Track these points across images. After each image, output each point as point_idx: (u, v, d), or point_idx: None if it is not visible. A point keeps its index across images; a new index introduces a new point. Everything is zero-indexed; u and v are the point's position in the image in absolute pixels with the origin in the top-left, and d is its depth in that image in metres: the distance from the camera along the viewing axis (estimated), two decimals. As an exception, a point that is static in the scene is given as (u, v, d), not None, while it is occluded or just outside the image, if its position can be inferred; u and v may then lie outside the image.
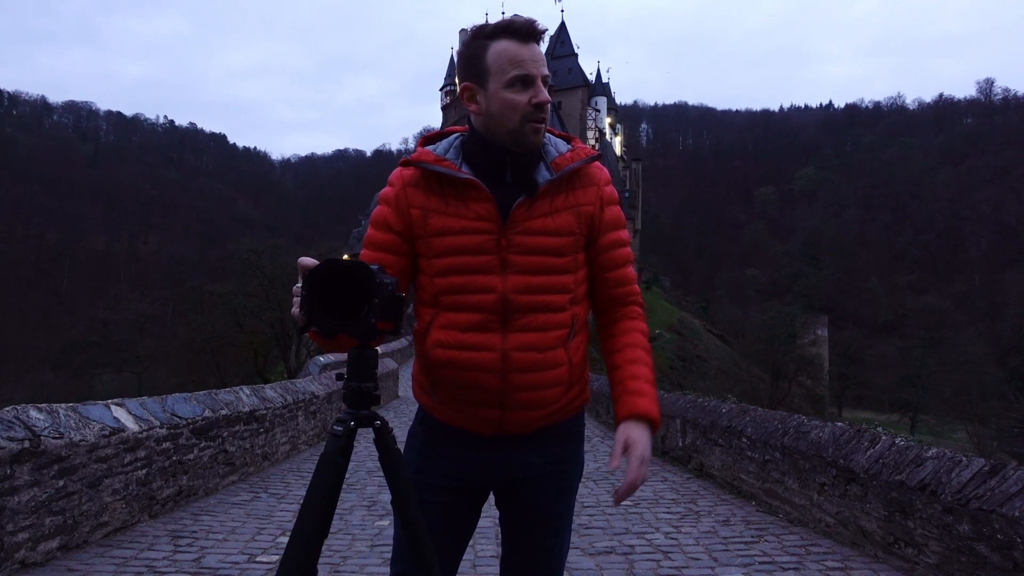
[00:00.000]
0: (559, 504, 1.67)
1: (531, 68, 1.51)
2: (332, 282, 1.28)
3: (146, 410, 4.80)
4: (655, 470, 7.24)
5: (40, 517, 3.57)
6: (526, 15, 1.55)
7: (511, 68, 1.51)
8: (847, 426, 4.93)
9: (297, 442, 7.89)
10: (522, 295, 1.53)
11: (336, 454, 1.35)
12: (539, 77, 1.53)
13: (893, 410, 56.77)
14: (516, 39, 1.52)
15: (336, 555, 3.98)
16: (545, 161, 1.59)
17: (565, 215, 1.58)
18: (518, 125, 1.53)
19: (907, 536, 3.70)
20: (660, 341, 62.66)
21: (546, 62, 1.57)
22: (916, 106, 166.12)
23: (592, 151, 1.64)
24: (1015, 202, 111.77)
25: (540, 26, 1.54)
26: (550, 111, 1.57)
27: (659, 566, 3.89)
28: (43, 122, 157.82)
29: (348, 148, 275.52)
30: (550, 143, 1.63)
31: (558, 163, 1.58)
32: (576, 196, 1.60)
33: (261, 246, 45.91)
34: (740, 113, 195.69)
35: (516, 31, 1.52)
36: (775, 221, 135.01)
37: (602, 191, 1.64)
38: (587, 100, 77.33)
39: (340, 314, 1.28)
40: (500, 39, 1.52)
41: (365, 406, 1.38)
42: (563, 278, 1.58)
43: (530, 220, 1.55)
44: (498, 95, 1.53)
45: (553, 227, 1.56)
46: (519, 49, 1.51)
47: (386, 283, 1.30)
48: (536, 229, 1.55)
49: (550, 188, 1.57)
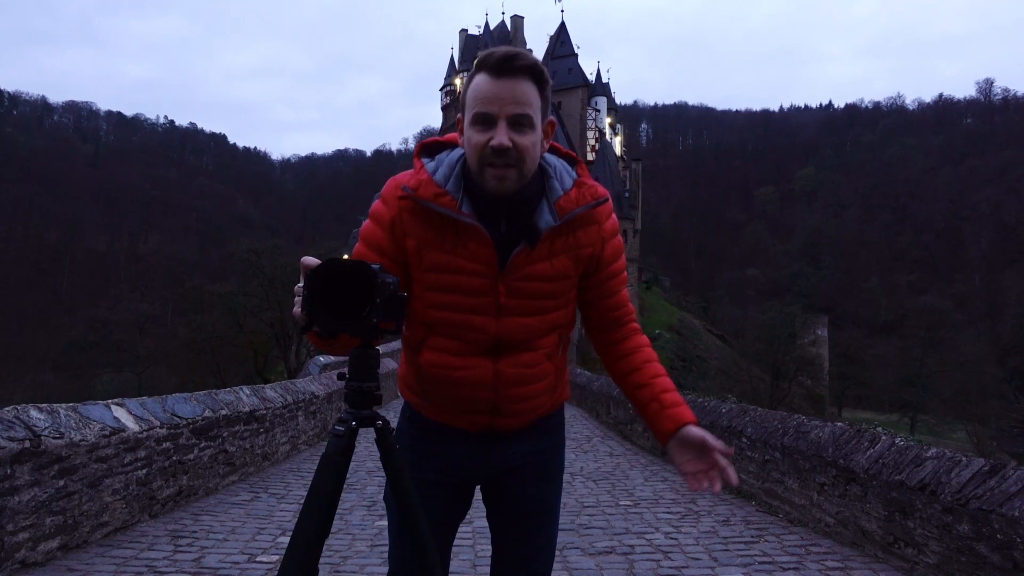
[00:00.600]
0: (544, 491, 1.71)
1: (492, 106, 1.40)
2: (334, 281, 1.27)
3: (146, 410, 4.80)
4: (655, 470, 7.24)
5: (40, 517, 3.57)
6: (526, 15, 1.48)
7: (474, 104, 1.42)
8: (847, 426, 4.93)
9: (297, 442, 7.89)
10: (515, 334, 1.55)
11: (338, 454, 1.35)
12: (503, 117, 1.40)
13: (893, 410, 56.79)
14: (489, 73, 1.41)
15: (336, 555, 3.98)
16: (548, 199, 1.50)
17: (563, 259, 1.53)
18: (477, 168, 1.44)
19: (907, 536, 3.70)
20: (660, 341, 62.68)
21: (531, 101, 1.42)
22: (916, 106, 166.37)
23: (599, 193, 1.56)
24: (1015, 202, 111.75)
25: (522, 60, 1.40)
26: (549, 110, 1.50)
27: (659, 566, 3.89)
28: (43, 122, 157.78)
29: (348, 148, 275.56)
30: (554, 173, 1.53)
31: (562, 206, 1.50)
32: (576, 238, 1.54)
33: (261, 246, 45.91)
34: (740, 113, 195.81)
35: (489, 65, 1.41)
36: (775, 221, 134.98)
37: (603, 228, 1.58)
38: (587, 100, 77.29)
39: (342, 313, 1.27)
40: (479, 72, 1.43)
41: (367, 406, 1.38)
42: (556, 316, 1.59)
43: (528, 266, 1.50)
44: (466, 132, 1.45)
45: (551, 272, 1.53)
46: (488, 85, 1.41)
47: (388, 283, 1.29)
48: (533, 275, 1.51)
49: (549, 234, 1.50)
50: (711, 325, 79.54)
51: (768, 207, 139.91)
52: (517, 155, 1.41)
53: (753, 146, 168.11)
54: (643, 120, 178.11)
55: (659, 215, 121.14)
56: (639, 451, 8.78)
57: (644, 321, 67.79)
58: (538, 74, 1.43)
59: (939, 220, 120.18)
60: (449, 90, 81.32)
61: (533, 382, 1.59)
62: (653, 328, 66.25)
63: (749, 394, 43.20)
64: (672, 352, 60.72)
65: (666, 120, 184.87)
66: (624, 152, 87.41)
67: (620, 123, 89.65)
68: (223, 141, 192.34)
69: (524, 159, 1.42)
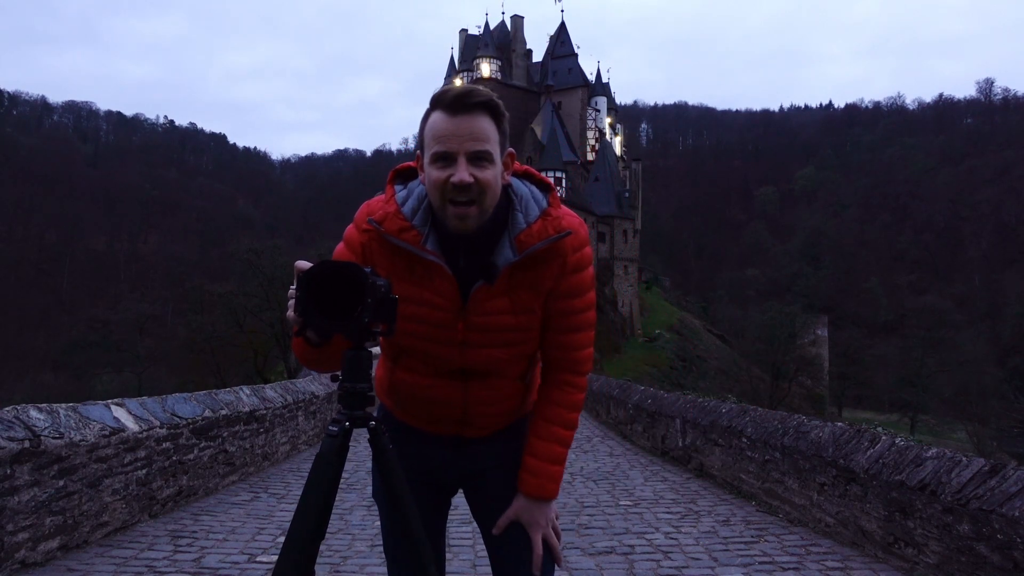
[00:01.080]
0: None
1: (451, 144, 1.40)
2: (326, 283, 1.29)
3: (146, 410, 4.80)
4: (655, 470, 7.24)
5: (40, 517, 3.57)
6: (526, 15, 1.47)
7: (433, 143, 1.43)
8: (847, 426, 4.93)
9: (297, 442, 7.89)
10: (480, 364, 1.57)
11: (332, 454, 1.37)
12: (462, 153, 1.40)
13: (893, 410, 56.77)
14: (446, 111, 1.42)
15: (336, 555, 3.98)
16: (510, 234, 1.49)
17: (524, 293, 1.52)
18: (439, 205, 1.44)
19: (907, 536, 3.70)
20: (660, 341, 62.68)
21: (489, 136, 1.42)
22: (916, 106, 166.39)
23: (562, 226, 1.51)
24: (1015, 202, 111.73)
25: (477, 96, 1.41)
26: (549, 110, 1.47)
27: (659, 566, 3.89)
28: (43, 122, 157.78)
29: (348, 148, 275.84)
30: (519, 204, 1.51)
31: (523, 240, 1.48)
32: (537, 272, 1.52)
33: (261, 246, 45.92)
34: (740, 113, 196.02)
35: (445, 103, 1.42)
36: (775, 221, 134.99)
37: (567, 262, 1.53)
38: (587, 100, 77.24)
39: (334, 314, 1.29)
40: (435, 110, 1.44)
41: (360, 406, 1.39)
42: (524, 347, 1.59)
43: (489, 301, 1.50)
44: (426, 170, 1.46)
45: (512, 307, 1.52)
46: (445, 123, 1.41)
47: (379, 284, 1.31)
48: (495, 310, 1.51)
49: (509, 269, 1.49)
50: (711, 325, 79.55)
51: (768, 207, 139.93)
52: (479, 190, 1.41)
53: (753, 146, 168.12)
54: (643, 120, 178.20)
55: (659, 215, 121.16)
56: (639, 451, 8.79)
57: (644, 321, 67.88)
58: (493, 108, 1.44)
59: (939, 220, 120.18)
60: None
61: (503, 401, 1.65)
62: (653, 328, 66.27)
63: (749, 394, 43.19)
64: (672, 352, 60.75)
65: (666, 120, 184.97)
66: (624, 152, 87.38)
67: (620, 123, 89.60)
68: (223, 141, 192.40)
69: (485, 194, 1.43)
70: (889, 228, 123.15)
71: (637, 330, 66.04)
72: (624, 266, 67.47)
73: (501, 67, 75.62)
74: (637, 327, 66.39)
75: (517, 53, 78.46)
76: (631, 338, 63.64)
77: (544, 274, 1.52)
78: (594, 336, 1.66)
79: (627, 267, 67.89)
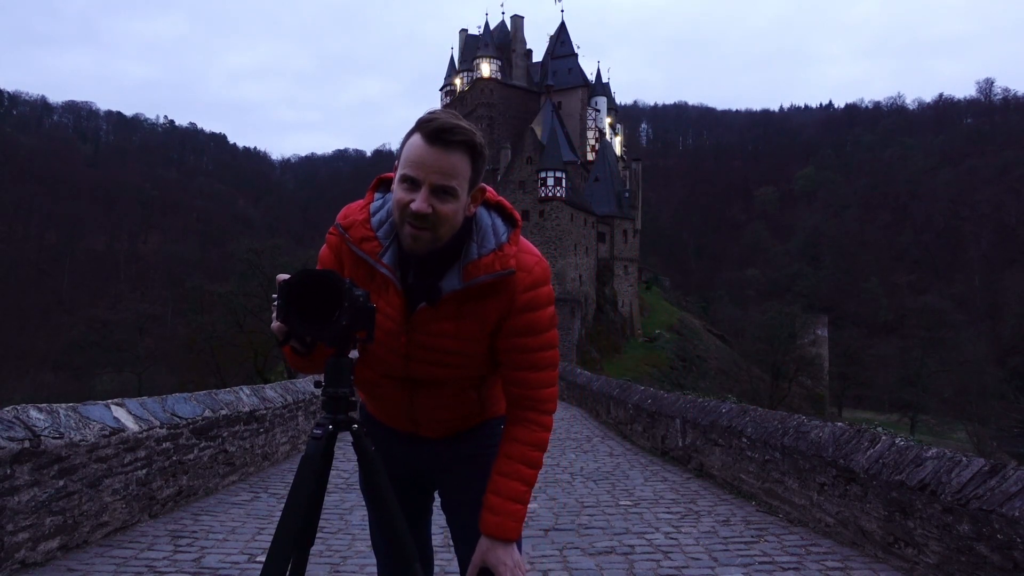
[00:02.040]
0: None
1: (418, 172, 1.43)
2: (305, 290, 1.34)
3: (146, 410, 4.80)
4: (655, 470, 7.24)
5: (40, 517, 3.57)
6: (526, 15, 1.48)
7: (404, 165, 1.46)
8: (847, 426, 4.93)
9: (297, 442, 7.88)
10: (425, 378, 1.62)
11: (317, 457, 1.42)
12: (426, 183, 1.43)
13: (893, 410, 56.78)
14: (424, 138, 1.44)
15: (336, 555, 3.99)
16: (461, 262, 1.52)
17: (470, 323, 1.55)
18: (398, 222, 1.48)
19: (907, 536, 3.70)
20: (660, 341, 62.70)
21: (458, 173, 1.45)
22: (916, 106, 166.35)
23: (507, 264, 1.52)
24: (1015, 202, 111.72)
25: (458, 135, 1.43)
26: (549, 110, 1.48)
27: (659, 566, 3.89)
28: (43, 122, 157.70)
29: (348, 148, 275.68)
30: (476, 236, 1.54)
31: (469, 271, 1.51)
32: (483, 305, 1.54)
33: (261, 246, 45.86)
34: (740, 113, 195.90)
35: (427, 132, 1.44)
36: (775, 221, 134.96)
37: (516, 300, 1.55)
38: (587, 100, 77.26)
39: (313, 320, 1.34)
40: (416, 133, 1.46)
41: (342, 411, 1.45)
42: (466, 371, 1.63)
43: (433, 323, 1.54)
44: (394, 187, 1.50)
45: (454, 332, 1.55)
46: (420, 150, 1.44)
47: (357, 293, 1.36)
48: (438, 332, 1.55)
49: (454, 296, 1.52)
50: (711, 325, 79.60)
51: (768, 207, 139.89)
52: (435, 220, 1.45)
53: (753, 146, 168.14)
54: (643, 120, 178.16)
55: (659, 215, 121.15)
56: (639, 451, 8.79)
57: (644, 321, 67.88)
58: (472, 147, 1.46)
59: (939, 220, 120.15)
60: (449, 90, 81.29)
61: (451, 409, 1.68)
62: (653, 328, 66.28)
63: (749, 394, 43.22)
64: (672, 352, 60.77)
65: (666, 120, 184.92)
66: (624, 152, 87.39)
67: (620, 123, 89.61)
68: (223, 141, 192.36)
69: (440, 225, 1.46)
70: (889, 228, 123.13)
71: (637, 330, 66.07)
72: (624, 266, 67.50)
73: (501, 67, 75.68)
74: (637, 327, 66.41)
75: (517, 53, 78.52)
76: (631, 338, 63.69)
77: (489, 307, 1.54)
78: (557, 375, 1.66)
79: (627, 267, 67.90)
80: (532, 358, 1.60)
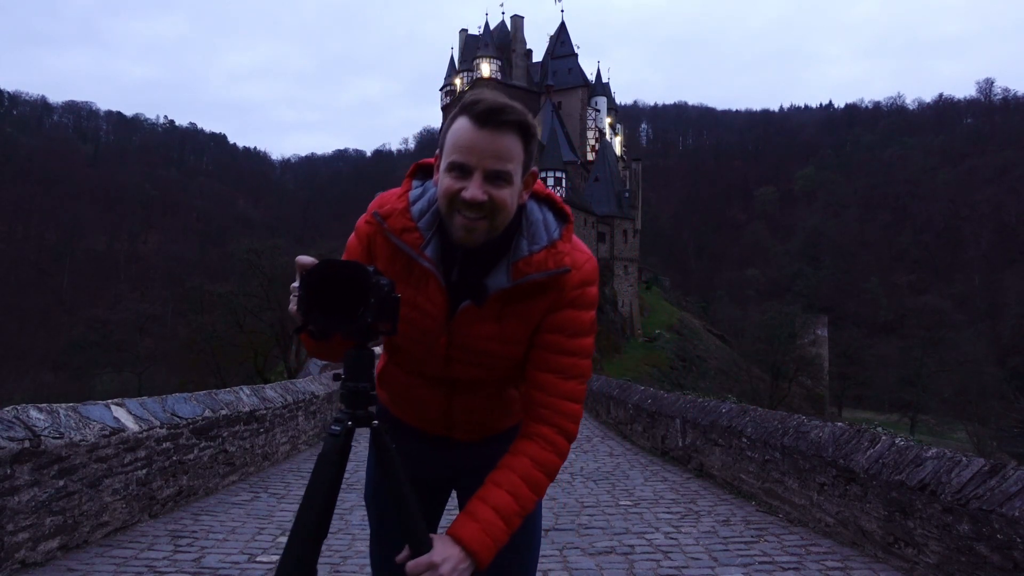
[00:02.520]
0: None
1: (470, 157, 1.32)
2: (329, 282, 1.27)
3: (146, 410, 4.80)
4: (655, 470, 7.24)
5: (40, 517, 3.57)
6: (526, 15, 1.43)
7: (452, 151, 1.35)
8: (847, 426, 4.93)
9: (297, 442, 7.89)
10: (466, 379, 1.53)
11: (334, 453, 1.36)
12: (479, 169, 1.32)
13: (893, 410, 56.75)
14: (473, 121, 1.33)
15: (336, 555, 3.98)
16: (509, 259, 1.41)
17: (514, 324, 1.44)
18: (446, 212, 1.37)
19: (907, 536, 3.70)
20: (660, 341, 62.68)
21: (512, 157, 1.34)
22: (916, 106, 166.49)
23: (562, 262, 1.41)
24: (1015, 202, 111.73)
25: (511, 114, 1.32)
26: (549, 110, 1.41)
27: (659, 566, 3.89)
28: (43, 122, 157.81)
29: (348, 148, 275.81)
30: (526, 232, 1.43)
31: (520, 268, 1.40)
32: (531, 304, 1.44)
33: (261, 246, 45.83)
34: (740, 113, 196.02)
35: (475, 113, 1.33)
36: (775, 221, 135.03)
37: (564, 296, 1.44)
38: (587, 100, 77.26)
39: (336, 314, 1.27)
40: (462, 116, 1.35)
41: (362, 406, 1.38)
42: (508, 372, 1.53)
43: (476, 324, 1.44)
44: (440, 175, 1.38)
45: (499, 335, 1.45)
46: (470, 133, 1.33)
47: (382, 284, 1.28)
48: (481, 334, 1.44)
49: (499, 296, 1.42)
50: (711, 325, 79.52)
51: (768, 207, 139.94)
52: (491, 208, 1.34)
53: (753, 146, 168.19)
54: (643, 120, 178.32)
55: (659, 215, 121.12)
56: (639, 451, 8.79)
57: (644, 321, 67.87)
58: (525, 129, 1.36)
59: (939, 220, 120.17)
60: (449, 90, 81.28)
61: (490, 411, 1.60)
62: (653, 328, 66.27)
63: (749, 394, 43.19)
64: (672, 352, 60.72)
65: (666, 120, 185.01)
66: (624, 152, 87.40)
67: (620, 123, 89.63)
68: (223, 141, 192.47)
69: (497, 213, 1.35)
70: (889, 228, 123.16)
71: (637, 330, 66.04)
72: (624, 266, 67.47)
73: (501, 67, 75.62)
74: (637, 327, 66.38)
75: (517, 53, 78.47)
76: (631, 338, 63.64)
77: (535, 307, 1.44)
78: (584, 394, 1.51)
79: (627, 267, 67.87)
80: (563, 361, 1.46)
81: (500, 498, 1.40)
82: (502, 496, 1.40)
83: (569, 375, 1.47)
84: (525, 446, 1.46)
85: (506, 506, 1.40)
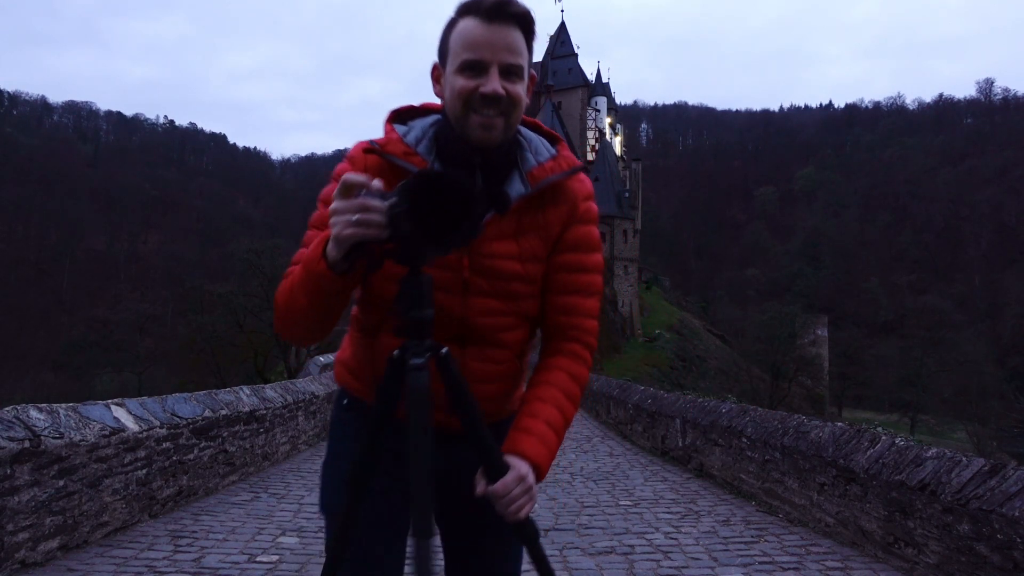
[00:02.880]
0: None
1: (484, 52, 1.31)
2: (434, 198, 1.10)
3: (146, 410, 4.80)
4: (655, 470, 7.24)
5: (40, 517, 3.57)
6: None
7: (463, 51, 1.32)
8: (847, 426, 4.93)
9: (297, 442, 7.88)
10: (482, 318, 1.42)
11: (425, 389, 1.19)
12: (495, 64, 1.31)
13: (893, 410, 56.78)
14: (480, 18, 1.32)
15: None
16: (520, 170, 1.41)
17: (532, 238, 1.42)
18: (461, 114, 1.33)
19: (907, 536, 3.70)
20: (660, 341, 62.68)
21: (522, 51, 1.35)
22: (916, 106, 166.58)
23: (575, 161, 1.46)
24: (1015, 202, 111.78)
25: (515, 7, 1.33)
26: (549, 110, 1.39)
27: (659, 566, 3.89)
28: (43, 122, 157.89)
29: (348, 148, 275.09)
30: (528, 147, 1.43)
31: (535, 175, 1.40)
32: (546, 215, 1.43)
33: (261, 246, 45.80)
34: (740, 113, 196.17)
35: (481, 9, 1.32)
36: (775, 221, 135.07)
37: (576, 208, 1.45)
38: (587, 100, 77.23)
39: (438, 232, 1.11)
40: (466, 17, 1.33)
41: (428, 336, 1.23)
42: (526, 304, 1.46)
43: (495, 242, 1.39)
44: (450, 79, 1.35)
45: (518, 252, 1.41)
46: (479, 29, 1.31)
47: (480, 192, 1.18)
48: (500, 253, 1.40)
49: (520, 205, 1.39)
50: (711, 325, 79.55)
51: (768, 207, 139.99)
52: (509, 103, 1.33)
53: (753, 146, 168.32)
54: (643, 120, 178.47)
55: (659, 215, 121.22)
56: (639, 451, 8.79)
57: (644, 321, 67.86)
58: (528, 24, 1.36)
59: (939, 220, 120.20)
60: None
61: (498, 380, 1.48)
62: (653, 328, 66.27)
63: (749, 394, 43.21)
64: (672, 352, 60.73)
65: (666, 120, 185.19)
66: (624, 152, 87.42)
67: (620, 123, 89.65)
68: (223, 141, 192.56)
69: (513, 109, 1.34)
70: (889, 228, 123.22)
71: (637, 330, 66.03)
72: (624, 266, 67.46)
73: (501, 67, 75.55)
74: (637, 327, 66.38)
75: (517, 53, 78.42)
76: (631, 338, 63.64)
77: (552, 217, 1.43)
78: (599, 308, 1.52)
79: (627, 267, 67.86)
80: (583, 279, 1.47)
81: (548, 411, 1.40)
82: (549, 409, 1.40)
83: (589, 292, 1.49)
84: (559, 361, 1.46)
85: (554, 419, 1.40)
